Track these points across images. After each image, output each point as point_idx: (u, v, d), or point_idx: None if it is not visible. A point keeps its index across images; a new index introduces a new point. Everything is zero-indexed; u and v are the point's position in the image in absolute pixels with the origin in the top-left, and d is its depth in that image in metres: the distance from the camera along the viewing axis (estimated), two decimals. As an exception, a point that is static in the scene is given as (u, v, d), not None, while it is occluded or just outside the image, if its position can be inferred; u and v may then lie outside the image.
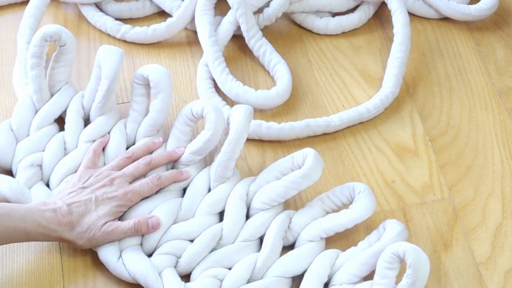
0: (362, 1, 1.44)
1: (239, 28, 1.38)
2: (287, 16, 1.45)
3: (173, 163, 1.24)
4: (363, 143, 1.31)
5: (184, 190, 1.22)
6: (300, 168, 1.18)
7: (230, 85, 1.33)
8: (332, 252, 1.16)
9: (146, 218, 1.17)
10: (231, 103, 1.33)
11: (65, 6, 1.46)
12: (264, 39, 1.38)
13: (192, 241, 1.17)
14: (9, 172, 1.25)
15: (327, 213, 1.20)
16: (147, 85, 1.26)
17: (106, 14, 1.43)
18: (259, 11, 1.41)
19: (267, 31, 1.43)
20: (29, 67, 1.25)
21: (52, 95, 1.27)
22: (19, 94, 1.31)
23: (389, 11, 1.40)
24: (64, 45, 1.25)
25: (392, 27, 1.39)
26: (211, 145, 1.21)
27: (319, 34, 1.44)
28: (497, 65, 1.40)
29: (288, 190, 1.18)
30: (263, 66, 1.39)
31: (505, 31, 1.45)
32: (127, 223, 1.16)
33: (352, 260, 1.14)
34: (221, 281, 1.15)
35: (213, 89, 1.35)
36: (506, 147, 1.31)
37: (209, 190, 1.21)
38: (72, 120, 1.26)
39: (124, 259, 1.15)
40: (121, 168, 1.21)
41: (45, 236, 1.13)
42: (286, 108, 1.35)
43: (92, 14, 1.42)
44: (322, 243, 1.18)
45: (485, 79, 1.39)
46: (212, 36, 1.36)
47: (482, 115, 1.34)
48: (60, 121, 1.28)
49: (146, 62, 1.40)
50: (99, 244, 1.16)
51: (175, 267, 1.16)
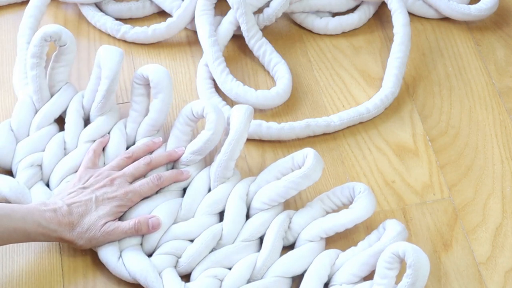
0: (362, 1, 1.44)
1: (239, 28, 1.38)
2: (287, 16, 1.45)
3: (173, 163, 1.24)
4: (363, 143, 1.31)
5: (184, 190, 1.22)
6: (300, 168, 1.18)
7: (230, 85, 1.33)
8: (332, 252, 1.16)
9: (147, 218, 1.17)
10: (231, 103, 1.33)
11: (65, 6, 1.46)
12: (264, 39, 1.38)
13: (192, 241, 1.17)
14: (9, 172, 1.25)
15: (327, 213, 1.20)
16: (147, 85, 1.25)
17: (106, 14, 1.43)
18: (259, 11, 1.41)
19: (267, 31, 1.43)
20: (29, 67, 1.25)
21: (52, 95, 1.27)
22: (19, 94, 1.31)
23: (389, 11, 1.40)
24: (64, 45, 1.25)
25: (392, 27, 1.39)
26: (211, 145, 1.21)
27: (319, 34, 1.44)
28: (497, 65, 1.40)
29: (288, 190, 1.18)
30: (263, 66, 1.39)
31: (505, 31, 1.45)
32: (127, 223, 1.16)
33: (352, 260, 1.14)
34: (221, 281, 1.15)
35: (213, 89, 1.35)
36: (506, 147, 1.31)
37: (209, 190, 1.21)
38: (72, 120, 1.26)
39: (124, 259, 1.15)
40: (121, 168, 1.21)
41: (46, 237, 1.13)
42: (286, 108, 1.35)
43: (92, 14, 1.42)
44: (322, 243, 1.18)
45: (485, 79, 1.39)
46: (212, 36, 1.36)
47: (482, 115, 1.34)
48: (60, 121, 1.28)
49: (146, 62, 1.40)
50: (99, 244, 1.16)
51: (175, 267, 1.16)
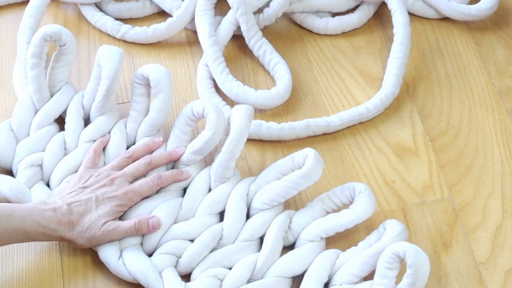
0: (362, 1, 1.44)
1: (239, 28, 1.38)
2: (287, 16, 1.45)
3: (174, 163, 1.24)
4: (363, 143, 1.31)
5: (185, 190, 1.22)
6: (301, 168, 1.18)
7: (230, 85, 1.33)
8: (332, 252, 1.16)
9: (147, 218, 1.17)
10: (231, 103, 1.33)
11: (65, 6, 1.46)
12: (264, 39, 1.38)
13: (193, 241, 1.17)
14: (9, 173, 1.25)
15: (328, 213, 1.20)
16: (148, 85, 1.25)
17: (106, 14, 1.43)
18: (259, 11, 1.41)
19: (267, 31, 1.43)
20: (29, 67, 1.25)
21: (52, 95, 1.27)
22: (19, 94, 1.31)
23: (389, 11, 1.40)
24: (64, 45, 1.25)
25: (392, 27, 1.39)
26: (212, 145, 1.21)
27: (319, 34, 1.44)
28: (497, 65, 1.40)
29: (289, 190, 1.18)
30: (263, 66, 1.39)
31: (505, 31, 1.45)
32: (128, 223, 1.16)
33: (352, 260, 1.14)
34: (221, 281, 1.15)
35: (213, 89, 1.35)
36: (506, 147, 1.31)
37: (210, 190, 1.21)
38: (72, 120, 1.26)
39: (125, 259, 1.15)
40: (122, 168, 1.21)
41: (46, 236, 1.13)
42: (286, 108, 1.35)
43: (92, 14, 1.42)
44: (322, 243, 1.18)
45: (485, 79, 1.39)
46: (212, 36, 1.36)
47: (482, 115, 1.34)
48: (60, 121, 1.28)
49: (146, 62, 1.39)
50: (99, 243, 1.16)
51: (176, 267, 1.16)
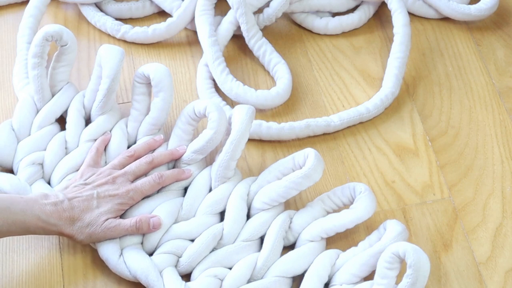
0: (362, 1, 1.45)
1: (239, 28, 1.38)
2: (287, 16, 1.45)
3: (175, 162, 1.24)
4: (363, 143, 1.31)
5: (185, 190, 1.22)
6: (301, 168, 1.18)
7: (230, 85, 1.33)
8: (333, 252, 1.16)
9: (148, 218, 1.17)
10: (231, 103, 1.33)
11: (65, 6, 1.46)
12: (264, 39, 1.38)
13: (193, 241, 1.17)
14: (10, 171, 1.25)
15: (328, 213, 1.20)
16: (148, 84, 1.26)
17: (106, 14, 1.43)
18: (259, 11, 1.41)
19: (267, 31, 1.43)
20: (31, 67, 1.25)
21: (53, 95, 1.28)
22: (19, 94, 1.31)
23: (389, 11, 1.40)
24: (65, 45, 1.25)
25: (392, 27, 1.39)
26: (213, 144, 1.21)
27: (319, 34, 1.44)
28: (497, 65, 1.40)
29: (289, 190, 1.18)
30: (263, 66, 1.39)
31: (505, 31, 1.45)
32: (129, 221, 1.16)
33: (353, 260, 1.14)
34: (222, 281, 1.15)
35: (213, 89, 1.35)
36: (506, 147, 1.31)
37: (210, 190, 1.21)
38: (73, 120, 1.26)
39: (125, 258, 1.15)
40: (123, 167, 1.21)
41: (45, 230, 1.13)
42: (286, 108, 1.35)
43: (92, 14, 1.42)
44: (323, 243, 1.18)
45: (485, 79, 1.39)
46: (212, 36, 1.36)
47: (482, 115, 1.34)
48: (61, 121, 1.28)
49: (146, 62, 1.39)
50: (99, 240, 1.16)
51: (176, 267, 1.16)
